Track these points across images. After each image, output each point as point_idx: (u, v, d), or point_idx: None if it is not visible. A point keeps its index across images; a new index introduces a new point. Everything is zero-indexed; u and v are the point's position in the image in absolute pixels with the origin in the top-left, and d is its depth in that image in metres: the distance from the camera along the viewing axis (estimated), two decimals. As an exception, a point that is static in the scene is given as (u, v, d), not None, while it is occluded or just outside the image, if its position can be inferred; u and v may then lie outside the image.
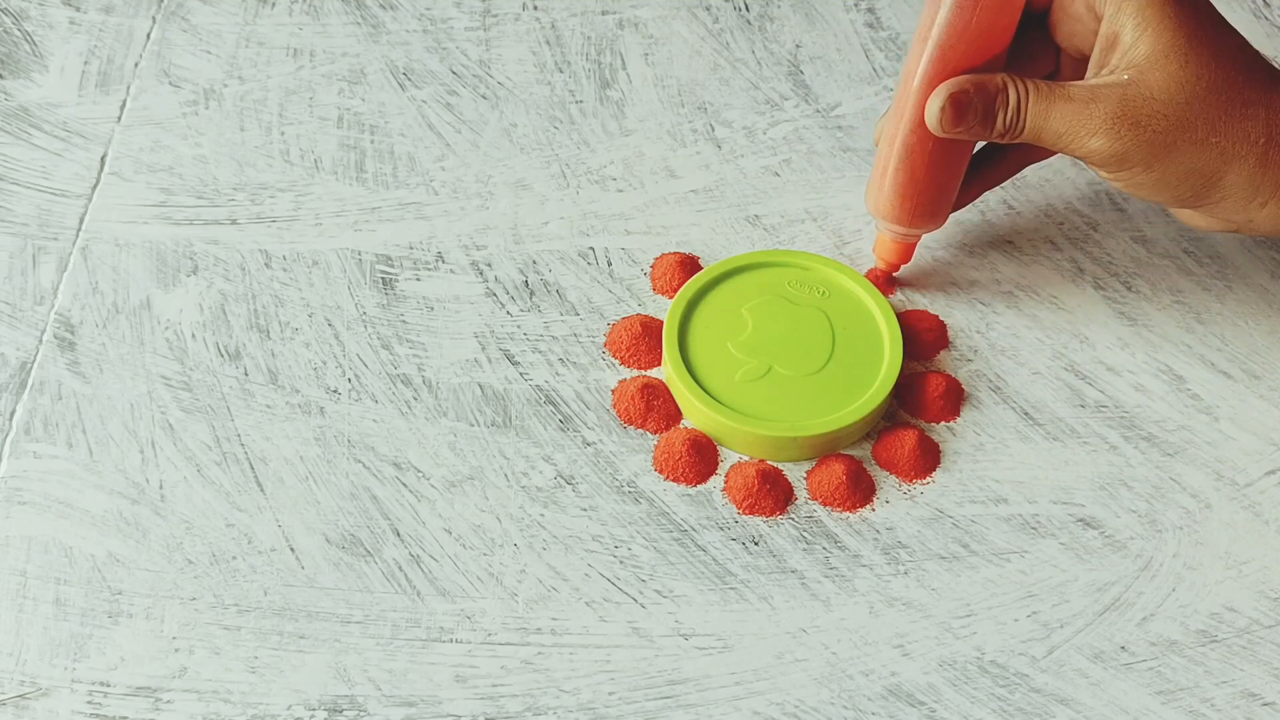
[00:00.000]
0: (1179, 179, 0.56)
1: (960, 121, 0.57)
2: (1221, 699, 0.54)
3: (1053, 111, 0.56)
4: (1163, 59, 0.55)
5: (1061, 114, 0.56)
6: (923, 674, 0.55)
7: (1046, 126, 0.56)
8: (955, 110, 0.57)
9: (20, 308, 0.63)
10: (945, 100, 0.57)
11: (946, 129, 0.58)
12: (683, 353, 0.61)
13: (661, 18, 0.76)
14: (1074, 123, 0.56)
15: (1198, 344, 0.64)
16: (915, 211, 0.61)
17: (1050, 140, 0.57)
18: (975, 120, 0.57)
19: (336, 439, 0.60)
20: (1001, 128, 0.57)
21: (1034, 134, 0.57)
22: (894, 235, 0.63)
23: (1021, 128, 0.57)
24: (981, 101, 0.57)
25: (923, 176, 0.60)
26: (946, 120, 0.57)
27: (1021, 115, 0.57)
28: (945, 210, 0.62)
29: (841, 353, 0.61)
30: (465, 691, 0.54)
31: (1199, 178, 0.56)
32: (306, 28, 0.75)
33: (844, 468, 0.59)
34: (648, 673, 0.54)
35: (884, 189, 0.61)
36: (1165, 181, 0.56)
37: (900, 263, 0.64)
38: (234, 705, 0.53)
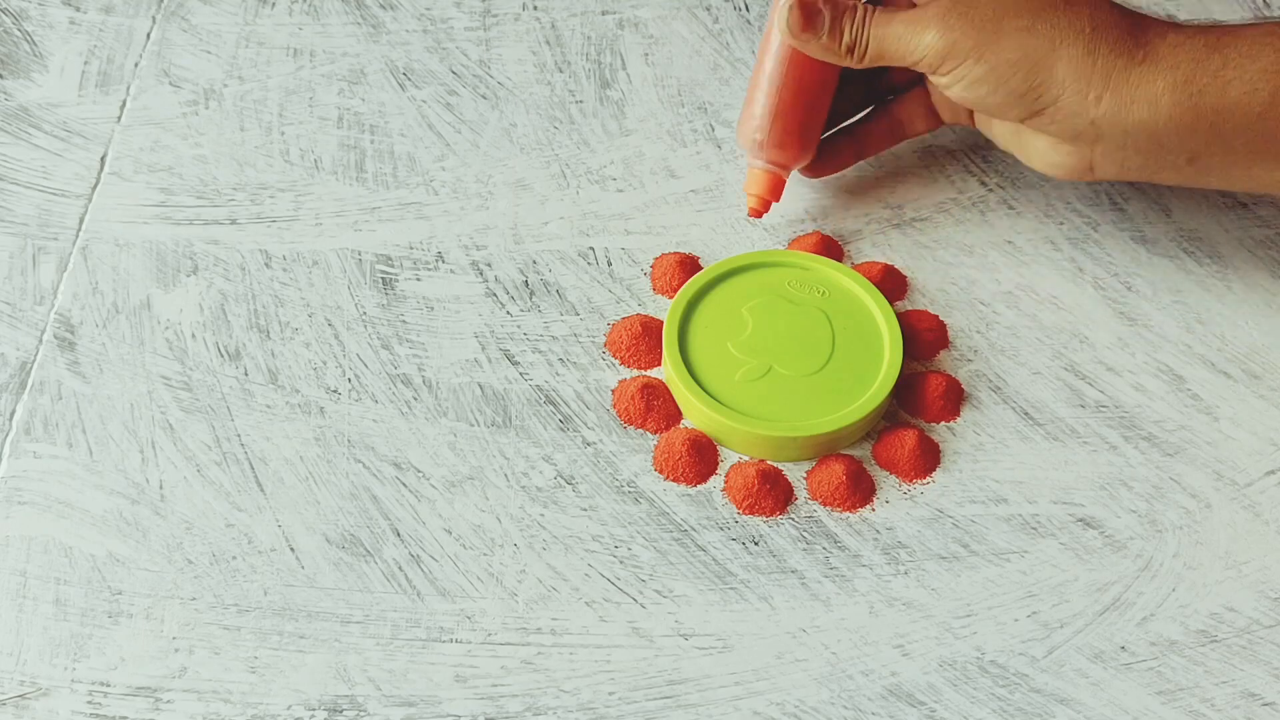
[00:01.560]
0: (1009, 68, 0.57)
1: (808, 26, 0.60)
2: (1221, 699, 0.54)
3: (893, 21, 0.60)
4: None
5: (899, 21, 0.59)
6: (923, 674, 0.55)
7: (888, 34, 0.60)
8: (803, 14, 0.60)
9: (20, 308, 0.63)
10: (794, 4, 0.60)
11: (795, 33, 0.61)
12: (683, 353, 0.61)
13: (661, 18, 0.76)
14: (911, 26, 0.59)
15: (1198, 344, 0.64)
16: (779, 140, 0.64)
17: (891, 48, 0.60)
18: (823, 28, 0.60)
19: (336, 439, 0.60)
20: (849, 40, 0.60)
21: (877, 46, 0.60)
22: (762, 167, 0.65)
23: (866, 42, 0.60)
24: (830, 11, 0.60)
25: (785, 99, 0.63)
26: (795, 24, 0.60)
27: (865, 29, 0.60)
28: (809, 142, 0.65)
29: (841, 353, 0.61)
30: (465, 691, 0.54)
31: (1028, 66, 0.57)
32: (306, 28, 0.75)
33: (844, 468, 0.59)
34: (648, 673, 0.54)
35: (747, 115, 0.64)
36: (996, 73, 0.58)
37: (769, 197, 0.65)
38: (234, 705, 0.53)
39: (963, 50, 0.58)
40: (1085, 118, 0.57)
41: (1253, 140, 0.57)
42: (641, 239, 0.67)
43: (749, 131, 0.64)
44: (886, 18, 0.60)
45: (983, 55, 0.58)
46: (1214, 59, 0.56)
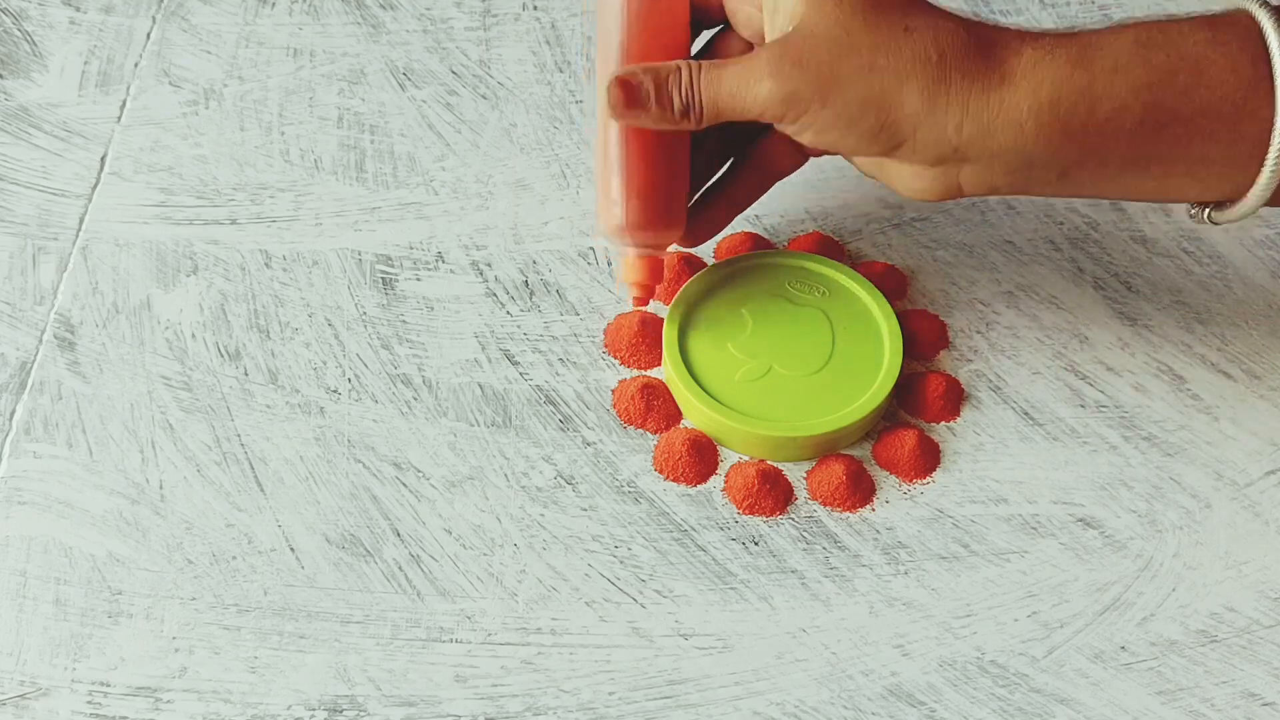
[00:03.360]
0: (857, 110, 0.53)
1: (633, 103, 0.56)
2: (1221, 699, 0.54)
3: (724, 76, 0.55)
4: (818, 2, 0.54)
5: (731, 75, 0.55)
6: (923, 674, 0.55)
7: (720, 91, 0.55)
8: (625, 92, 0.56)
9: (20, 308, 0.63)
10: (612, 83, 0.56)
11: (621, 113, 0.56)
12: (683, 353, 0.61)
13: (661, 18, 0.76)
14: (742, 78, 0.54)
15: (1198, 344, 0.64)
16: (642, 220, 0.58)
17: (727, 104, 0.55)
18: (650, 101, 0.56)
19: (336, 439, 0.60)
20: (681, 105, 0.56)
21: (712, 104, 0.56)
22: (635, 253, 0.60)
23: (699, 102, 0.56)
24: (653, 83, 0.56)
25: (637, 176, 0.58)
26: (618, 103, 0.56)
27: (696, 89, 0.56)
28: (676, 215, 0.59)
29: (841, 353, 0.61)
30: (465, 691, 0.54)
31: (876, 105, 0.53)
32: (306, 28, 0.75)
33: (844, 468, 0.59)
34: (648, 673, 0.54)
35: (604, 202, 0.59)
36: (845, 117, 0.53)
37: (650, 282, 0.60)
38: (234, 705, 0.53)
39: (803, 98, 0.53)
40: (947, 145, 0.53)
41: (1126, 154, 0.53)
42: (641, 239, 0.67)
43: (609, 219, 0.59)
44: (716, 75, 0.55)
45: (826, 100, 0.53)
46: (1078, 76, 0.52)
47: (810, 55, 0.53)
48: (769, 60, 0.54)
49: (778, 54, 0.54)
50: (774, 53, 0.54)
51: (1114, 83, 0.52)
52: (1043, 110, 0.52)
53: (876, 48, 0.53)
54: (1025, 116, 0.52)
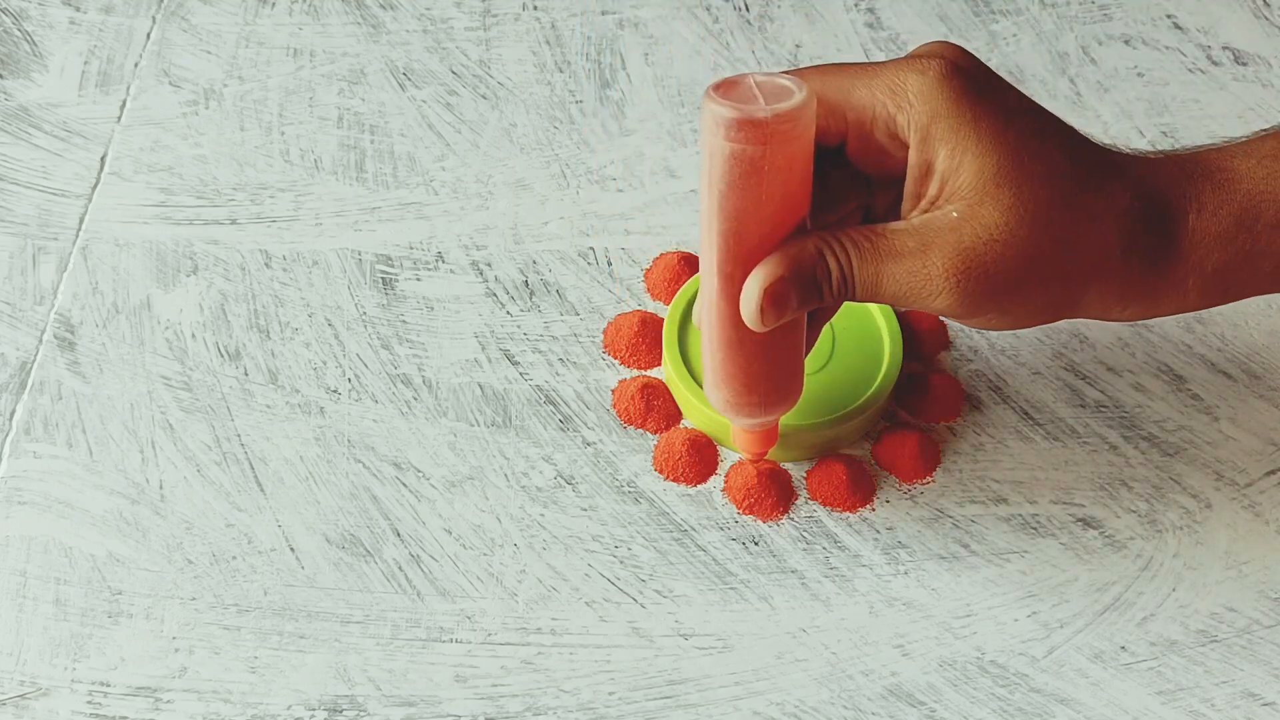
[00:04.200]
0: (1036, 311, 0.50)
1: (783, 312, 0.49)
2: (1221, 699, 0.54)
3: (884, 274, 0.49)
4: (992, 187, 0.48)
5: (894, 275, 0.48)
6: (923, 674, 0.55)
7: (882, 290, 0.49)
8: (774, 305, 0.49)
9: (20, 308, 0.63)
10: (759, 299, 0.49)
11: (770, 324, 0.50)
12: (683, 353, 0.61)
13: (661, 18, 0.76)
14: (911, 283, 0.48)
15: (1198, 344, 0.64)
16: (767, 401, 0.53)
17: (890, 301, 0.50)
18: (798, 303, 0.49)
19: (336, 439, 0.60)
20: (830, 299, 0.49)
21: (869, 297, 0.50)
22: (749, 426, 0.55)
23: (852, 294, 0.49)
24: (798, 283, 0.49)
25: (759, 364, 0.52)
26: (768, 318, 0.49)
27: (850, 281, 0.49)
28: (797, 385, 0.54)
29: (841, 353, 0.61)
30: (465, 691, 0.54)
31: (1057, 309, 0.50)
32: (306, 28, 0.75)
33: (844, 468, 0.59)
34: (648, 673, 0.54)
35: (724, 388, 0.53)
36: (1021, 318, 0.50)
37: (766, 449, 0.57)
38: (234, 705, 0.53)
39: (983, 309, 0.48)
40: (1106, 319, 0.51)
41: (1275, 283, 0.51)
42: (641, 239, 0.67)
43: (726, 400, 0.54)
44: (875, 270, 0.49)
45: (1005, 310, 0.49)
46: (1242, 238, 0.49)
47: (995, 267, 0.48)
48: (948, 272, 0.48)
49: (958, 264, 0.48)
50: (950, 262, 0.48)
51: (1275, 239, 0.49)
52: (1207, 283, 0.50)
53: (1063, 248, 0.48)
54: (1189, 289, 0.50)
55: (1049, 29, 0.76)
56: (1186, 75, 0.74)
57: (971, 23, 0.77)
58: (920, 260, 0.48)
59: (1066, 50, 0.75)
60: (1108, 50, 0.75)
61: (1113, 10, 0.77)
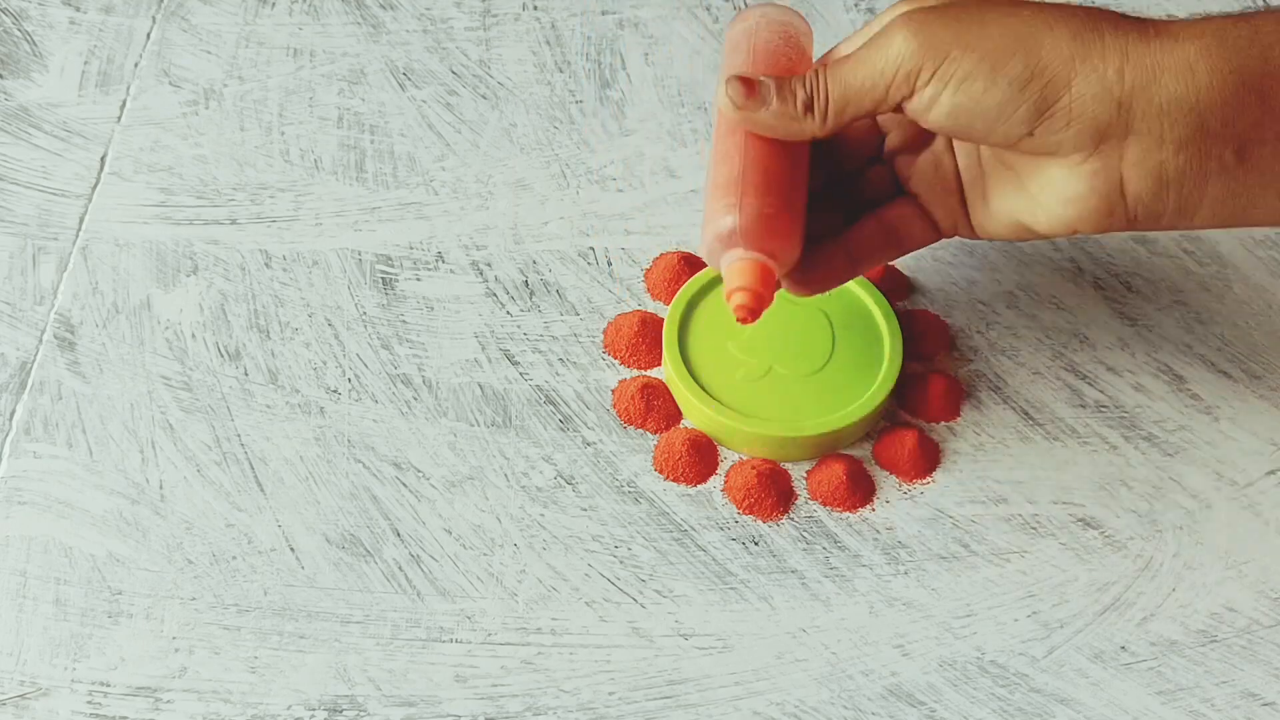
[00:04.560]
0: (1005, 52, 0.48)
1: (752, 94, 0.52)
2: (1221, 699, 0.54)
3: (850, 60, 0.51)
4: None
5: (859, 56, 0.51)
6: (923, 674, 0.55)
7: (850, 73, 0.51)
8: (746, 86, 0.52)
9: (20, 308, 0.63)
10: (732, 79, 0.52)
11: (741, 104, 0.52)
12: (683, 353, 0.61)
13: (661, 18, 0.76)
14: (872, 49, 0.50)
15: (1198, 344, 0.64)
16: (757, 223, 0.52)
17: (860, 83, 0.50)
18: (770, 94, 0.52)
19: (336, 439, 0.60)
20: (805, 97, 0.52)
21: (841, 91, 0.51)
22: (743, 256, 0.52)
23: (826, 93, 0.51)
24: (775, 82, 0.52)
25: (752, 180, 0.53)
26: (736, 95, 0.52)
27: (821, 80, 0.51)
28: (793, 229, 0.53)
29: (841, 353, 0.61)
30: (465, 691, 0.54)
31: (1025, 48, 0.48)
32: (306, 28, 0.75)
33: (844, 468, 0.59)
34: (648, 673, 0.54)
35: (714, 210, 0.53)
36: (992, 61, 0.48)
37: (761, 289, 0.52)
38: (234, 705, 0.53)
39: (942, 43, 0.48)
40: (1110, 98, 0.47)
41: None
42: (641, 239, 0.67)
43: (719, 224, 0.53)
44: (840, 64, 0.51)
45: (967, 43, 0.48)
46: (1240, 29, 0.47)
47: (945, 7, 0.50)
48: (899, 22, 0.50)
49: (906, 15, 0.50)
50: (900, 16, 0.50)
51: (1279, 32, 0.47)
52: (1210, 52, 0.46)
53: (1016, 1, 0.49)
54: (1193, 58, 0.46)
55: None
56: (1186, 75, 0.74)
57: (971, 23, 0.76)
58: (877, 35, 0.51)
59: (1066, 50, 0.75)
60: (1108, 50, 0.75)
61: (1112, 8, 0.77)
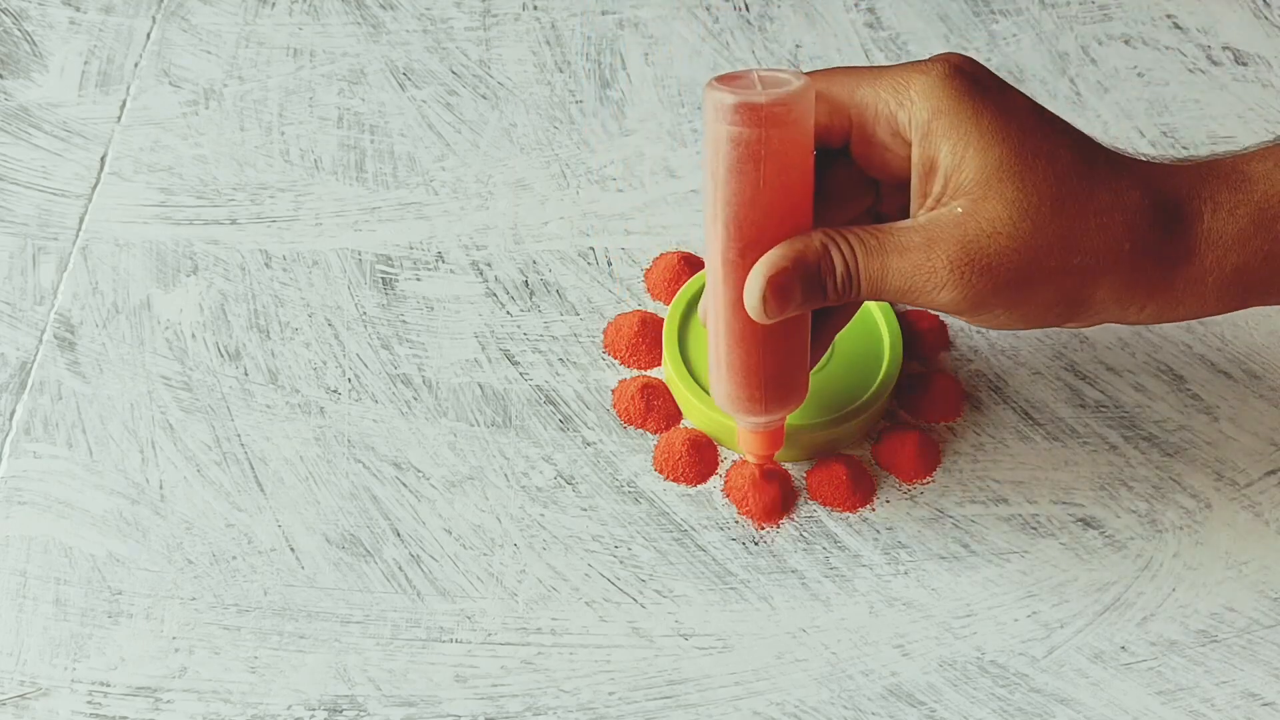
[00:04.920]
0: (1044, 308, 0.49)
1: (785, 305, 0.49)
2: (1221, 699, 0.54)
3: (889, 268, 0.48)
4: (995, 182, 0.48)
5: (899, 270, 0.48)
6: (923, 674, 0.55)
7: (887, 285, 0.49)
8: (777, 296, 0.49)
9: (20, 308, 0.63)
10: (763, 288, 0.49)
11: (773, 316, 0.50)
12: (683, 352, 0.61)
13: (661, 18, 0.76)
14: (915, 278, 0.48)
15: (1198, 344, 0.64)
16: (768, 398, 0.53)
17: (894, 297, 0.49)
18: (802, 298, 0.49)
19: (336, 439, 0.60)
20: (834, 296, 0.49)
21: (873, 294, 0.49)
22: (754, 426, 0.55)
23: (857, 289, 0.49)
24: (803, 276, 0.49)
25: (764, 361, 0.52)
26: (771, 309, 0.49)
27: (854, 277, 0.49)
28: (802, 385, 0.54)
29: (841, 353, 0.61)
30: (465, 691, 0.54)
31: (1067, 304, 0.49)
32: (306, 28, 0.75)
33: (844, 468, 0.59)
34: (648, 673, 0.54)
35: (725, 383, 0.53)
36: (1031, 315, 0.49)
37: (771, 453, 0.57)
38: (234, 705, 0.53)
39: (988, 304, 0.48)
40: (1125, 322, 0.51)
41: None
42: (641, 239, 0.67)
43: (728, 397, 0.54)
44: (880, 264, 0.49)
45: (1013, 305, 0.48)
46: (1260, 239, 0.48)
47: (997, 259, 0.47)
48: (952, 265, 0.48)
49: (960, 257, 0.48)
50: (954, 254, 0.48)
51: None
52: (1225, 283, 0.49)
53: (1068, 244, 0.48)
54: (1208, 290, 0.49)
55: (1049, 29, 0.76)
56: (1186, 75, 0.74)
57: (971, 23, 0.77)
58: (925, 254, 0.48)
59: (1066, 50, 0.75)
60: (1108, 50, 0.75)
61: (1113, 10, 0.77)
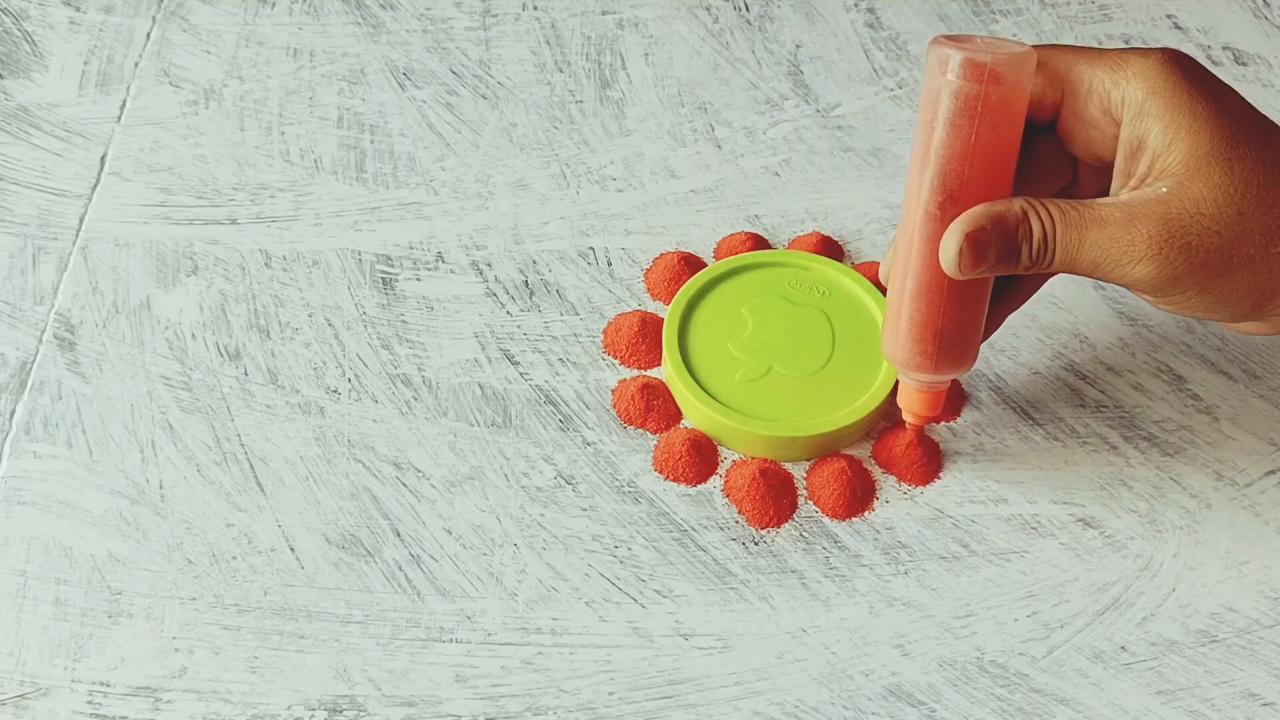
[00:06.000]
0: (1237, 296, 0.49)
1: (980, 263, 0.50)
2: (1221, 699, 0.54)
3: (1086, 239, 0.49)
4: (1204, 165, 0.48)
5: (1096, 241, 0.49)
6: (923, 674, 0.55)
7: (1081, 256, 0.49)
8: (974, 252, 0.50)
9: (20, 308, 0.63)
10: (961, 242, 0.50)
11: (966, 272, 0.51)
12: (683, 353, 0.61)
13: (661, 18, 0.76)
14: (1112, 250, 0.49)
15: (1198, 344, 0.64)
16: (940, 357, 0.54)
17: (1086, 270, 0.50)
18: (996, 258, 0.50)
19: (336, 439, 0.60)
20: (1028, 262, 0.50)
21: (1066, 264, 0.50)
22: (919, 384, 0.56)
23: (1051, 259, 0.50)
24: (1001, 237, 0.50)
25: (943, 319, 0.53)
26: (965, 263, 0.50)
27: (1050, 246, 0.50)
28: (973, 351, 0.55)
29: (841, 353, 0.61)
30: (465, 691, 0.54)
31: (1257, 296, 0.49)
32: (306, 28, 0.75)
33: (844, 468, 0.59)
34: (648, 673, 0.54)
35: (901, 336, 0.54)
36: (1221, 301, 0.50)
37: (930, 415, 0.57)
38: (234, 705, 0.53)
39: (1183, 284, 0.49)
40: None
41: None
42: (641, 239, 0.67)
43: (903, 352, 0.55)
44: (1077, 235, 0.49)
45: (1206, 289, 0.49)
46: None
47: (1198, 240, 0.48)
48: (1151, 240, 0.48)
49: (1161, 234, 0.48)
50: (1155, 231, 0.48)
51: None
52: None
53: (1271, 233, 0.48)
54: None
55: (1049, 29, 0.76)
56: (1186, 75, 0.74)
57: (971, 23, 0.77)
58: (1124, 229, 0.49)
59: (1066, 50, 0.75)
60: (1108, 50, 0.75)
61: (1113, 10, 0.77)
